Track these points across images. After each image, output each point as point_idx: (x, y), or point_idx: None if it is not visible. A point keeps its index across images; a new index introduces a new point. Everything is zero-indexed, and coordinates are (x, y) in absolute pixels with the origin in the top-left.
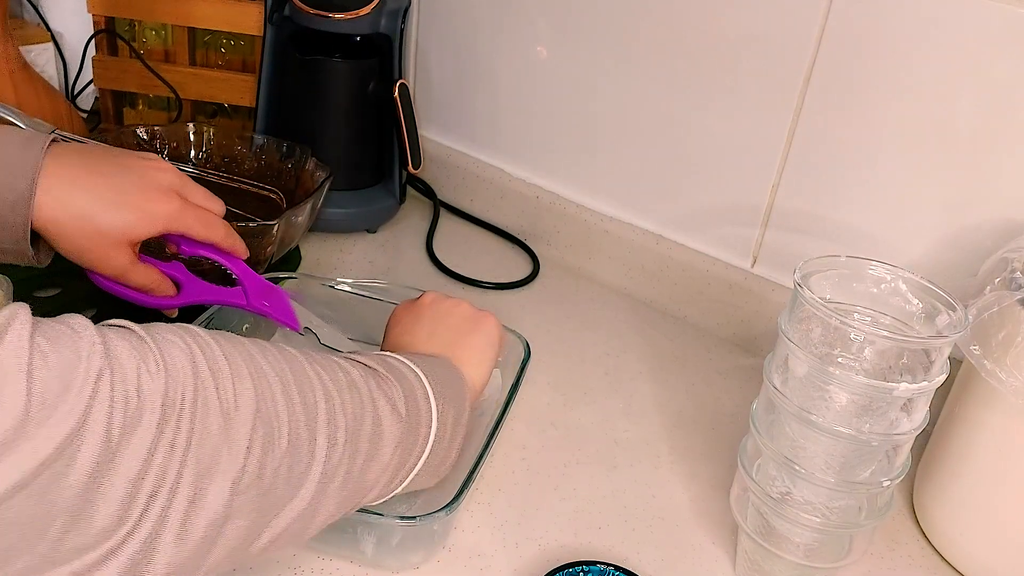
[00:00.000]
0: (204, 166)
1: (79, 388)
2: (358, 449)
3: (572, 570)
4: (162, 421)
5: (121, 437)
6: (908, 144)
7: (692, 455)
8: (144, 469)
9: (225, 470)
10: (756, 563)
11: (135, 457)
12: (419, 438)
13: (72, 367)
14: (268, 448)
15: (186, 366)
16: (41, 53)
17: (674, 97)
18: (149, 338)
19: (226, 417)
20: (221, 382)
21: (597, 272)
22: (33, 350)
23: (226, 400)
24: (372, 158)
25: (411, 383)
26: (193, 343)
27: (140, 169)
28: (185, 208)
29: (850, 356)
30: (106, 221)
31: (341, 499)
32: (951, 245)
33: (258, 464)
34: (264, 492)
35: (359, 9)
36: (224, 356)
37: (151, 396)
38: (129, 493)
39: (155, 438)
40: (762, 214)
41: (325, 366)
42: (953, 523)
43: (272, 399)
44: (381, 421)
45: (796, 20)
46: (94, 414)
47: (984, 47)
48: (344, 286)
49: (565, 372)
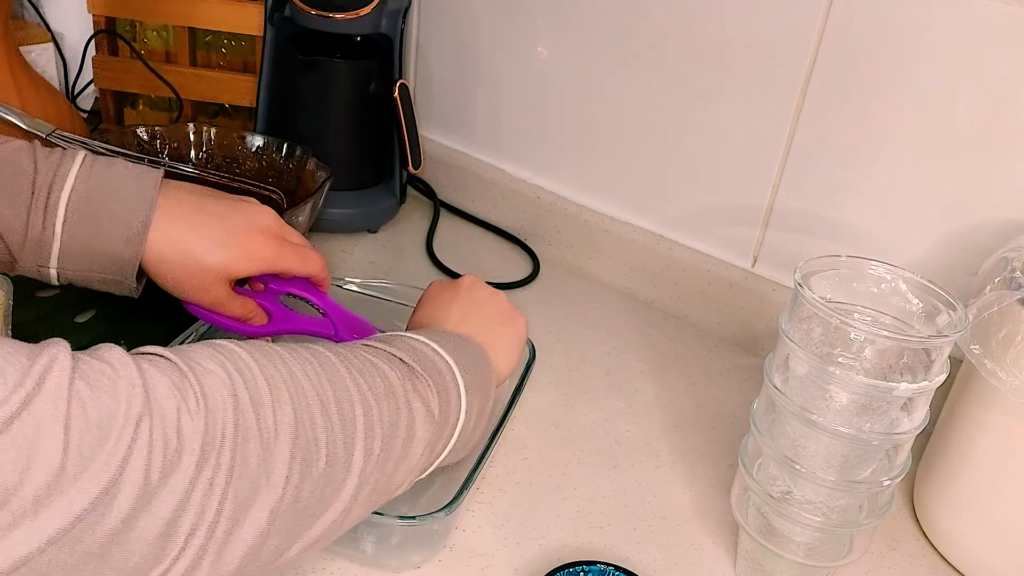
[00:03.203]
0: (205, 166)
1: (117, 437)
2: (391, 455)
3: (573, 570)
4: (201, 460)
5: (160, 481)
6: (908, 144)
7: (693, 455)
8: (181, 509)
9: (263, 500)
10: (757, 562)
11: (173, 499)
12: (446, 432)
13: (111, 414)
14: (306, 473)
15: (227, 400)
16: (41, 53)
17: (675, 97)
18: (189, 372)
19: (265, 448)
20: (262, 412)
21: (598, 272)
22: (72, 399)
23: (266, 430)
24: (373, 158)
25: (445, 379)
26: (234, 370)
27: (244, 212)
28: (283, 248)
29: (850, 356)
30: (210, 259)
31: (370, 503)
32: (951, 245)
33: (296, 490)
34: (299, 513)
35: (359, 9)
36: (265, 380)
37: (191, 437)
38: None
39: (194, 477)
40: (762, 214)
41: (363, 371)
42: (953, 522)
43: (311, 422)
44: (415, 423)
45: (796, 20)
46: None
47: (984, 47)
48: (351, 286)
49: (566, 372)
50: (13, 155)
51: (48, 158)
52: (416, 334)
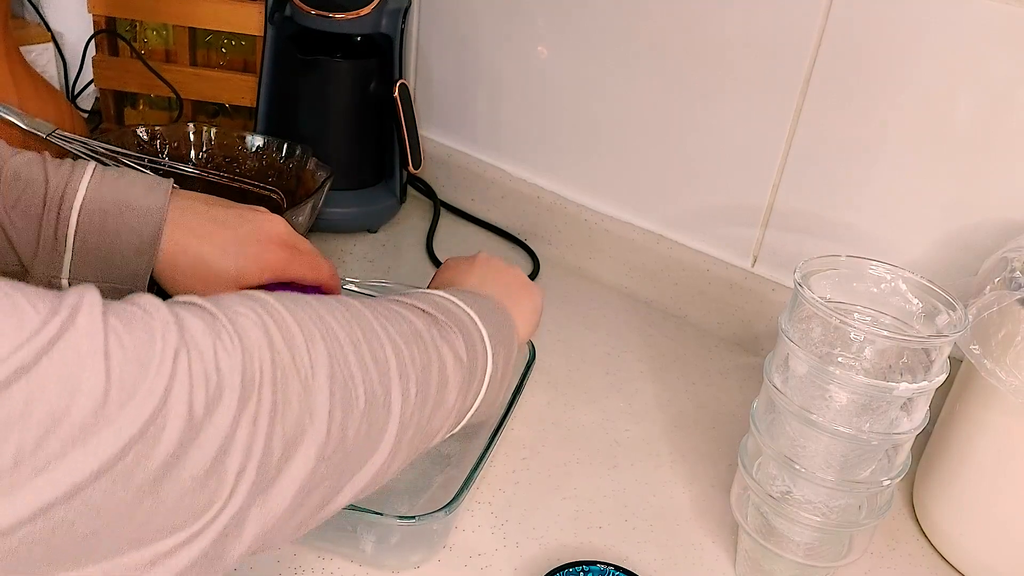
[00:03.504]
0: (205, 166)
1: (157, 368)
2: (427, 398)
3: (572, 570)
4: (243, 397)
5: (204, 416)
6: (908, 144)
7: (692, 455)
8: (227, 445)
9: (310, 438)
10: (756, 562)
11: (218, 435)
12: (475, 380)
13: (148, 348)
14: (348, 411)
15: (261, 339)
16: (41, 53)
17: (675, 97)
18: (221, 313)
19: (304, 385)
20: (296, 350)
21: (598, 272)
22: (108, 332)
23: (303, 368)
24: (373, 158)
25: (469, 328)
26: (264, 312)
27: (255, 221)
28: (294, 257)
29: (850, 356)
30: (222, 267)
31: (412, 448)
32: (951, 245)
33: (340, 428)
34: (347, 454)
35: (359, 9)
36: (296, 322)
37: (230, 373)
38: (215, 471)
39: (237, 414)
40: (762, 214)
41: (389, 317)
42: (953, 522)
43: (345, 360)
44: (446, 368)
45: (796, 20)
46: (175, 394)
47: (984, 47)
48: (351, 286)
49: (566, 372)
50: (23, 167)
51: (59, 169)
52: (435, 291)
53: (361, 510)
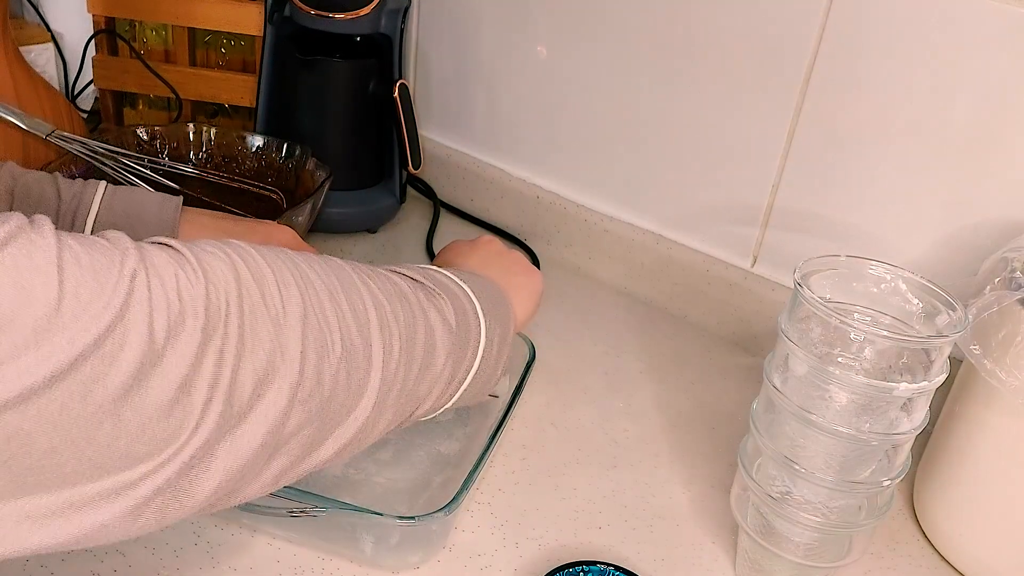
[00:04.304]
0: (204, 166)
1: (114, 285)
2: (413, 357)
3: (572, 570)
4: (207, 327)
5: (166, 340)
6: (908, 143)
7: (692, 455)
8: (193, 375)
9: (282, 377)
10: (756, 562)
11: (182, 362)
12: (468, 351)
13: (106, 266)
14: (323, 354)
15: (227, 274)
16: (41, 53)
17: (674, 96)
18: (187, 250)
19: (275, 323)
20: (267, 289)
21: (597, 271)
22: (63, 247)
23: (273, 307)
24: (372, 158)
25: (460, 299)
26: (234, 253)
27: (263, 232)
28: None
29: (850, 356)
30: None
31: (397, 408)
32: (951, 245)
33: (315, 370)
34: (325, 400)
35: (359, 9)
36: (268, 265)
37: (192, 301)
38: (180, 400)
39: (201, 344)
40: (762, 214)
41: (372, 276)
42: (953, 523)
43: (320, 306)
44: (433, 331)
45: (796, 19)
46: (133, 312)
47: (984, 47)
48: None
49: (565, 371)
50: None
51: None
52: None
53: (361, 510)
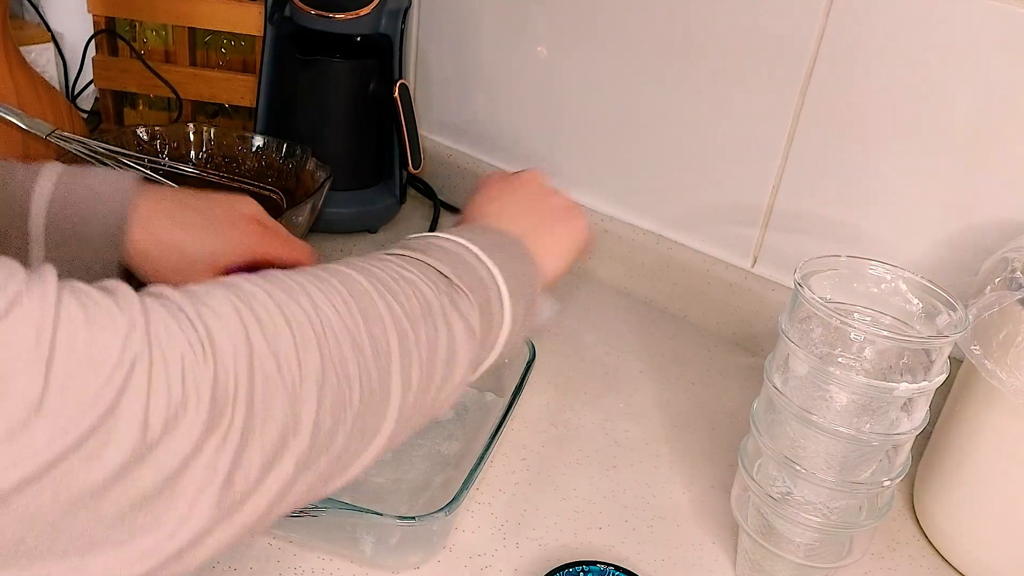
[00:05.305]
0: (205, 166)
1: (109, 375)
2: (432, 379)
3: (572, 570)
4: (212, 413)
5: (161, 433)
6: (908, 144)
7: (692, 455)
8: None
9: (291, 451)
10: (756, 563)
11: (176, 455)
12: (487, 348)
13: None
14: (339, 415)
15: (239, 345)
16: (41, 53)
17: (674, 96)
18: (195, 312)
19: (291, 395)
20: (283, 355)
21: (597, 271)
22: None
23: (289, 374)
24: (372, 158)
25: (487, 287)
26: (249, 313)
27: (224, 203)
28: (265, 233)
29: (850, 356)
30: (194, 250)
31: (414, 428)
32: (951, 245)
33: (328, 434)
34: (336, 456)
35: (359, 9)
36: (286, 321)
37: (197, 387)
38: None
39: (203, 433)
40: (762, 214)
41: (395, 292)
42: (953, 523)
43: (340, 358)
44: (455, 342)
45: (797, 20)
46: (125, 405)
47: (984, 47)
48: None
49: (565, 372)
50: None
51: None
52: (456, 235)
53: (361, 510)
